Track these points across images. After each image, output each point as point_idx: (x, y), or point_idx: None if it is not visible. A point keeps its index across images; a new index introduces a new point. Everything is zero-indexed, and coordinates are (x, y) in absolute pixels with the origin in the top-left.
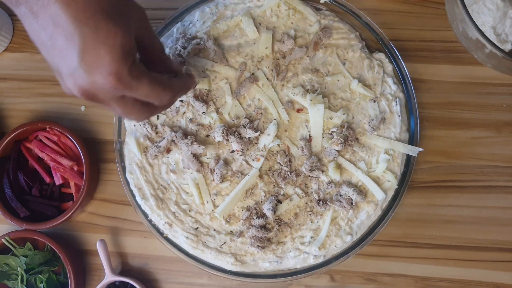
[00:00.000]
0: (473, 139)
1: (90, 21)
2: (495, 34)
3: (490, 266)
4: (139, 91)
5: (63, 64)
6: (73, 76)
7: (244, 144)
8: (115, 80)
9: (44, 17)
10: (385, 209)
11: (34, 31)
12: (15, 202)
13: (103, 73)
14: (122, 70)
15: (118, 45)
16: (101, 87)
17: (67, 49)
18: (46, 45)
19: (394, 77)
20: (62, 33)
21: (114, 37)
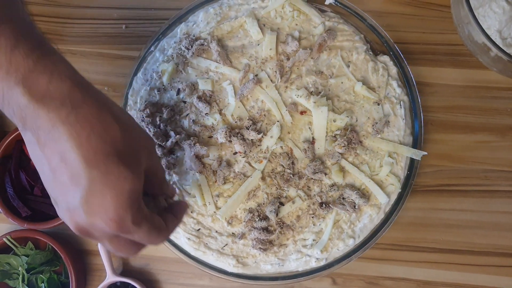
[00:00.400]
0: (477, 143)
1: (101, 164)
2: (501, 38)
3: (493, 271)
4: (135, 236)
5: (62, 198)
6: (71, 212)
7: (247, 146)
8: (115, 226)
9: (52, 150)
10: (388, 213)
11: (37, 158)
12: (16, 202)
13: (105, 218)
14: (125, 217)
15: (126, 191)
16: (99, 229)
17: (70, 187)
18: (47, 175)
19: (399, 80)
20: (68, 171)
21: (124, 182)
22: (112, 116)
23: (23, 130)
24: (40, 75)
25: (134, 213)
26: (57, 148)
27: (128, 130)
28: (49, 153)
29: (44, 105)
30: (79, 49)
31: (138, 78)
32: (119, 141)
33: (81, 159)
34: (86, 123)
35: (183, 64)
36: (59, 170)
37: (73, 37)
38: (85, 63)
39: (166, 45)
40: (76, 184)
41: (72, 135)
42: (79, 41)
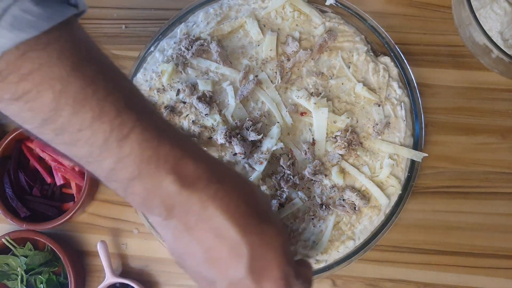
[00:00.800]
0: (478, 145)
1: (254, 227)
2: (502, 39)
3: (494, 273)
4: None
5: (223, 275)
6: (235, 286)
7: (247, 147)
8: (284, 284)
9: (204, 230)
10: (388, 215)
11: (183, 243)
12: (15, 202)
13: (272, 280)
14: (289, 271)
15: (281, 245)
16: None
17: (230, 261)
18: (200, 257)
19: (400, 81)
20: (226, 245)
21: (277, 238)
22: (246, 181)
23: (166, 219)
24: (186, 161)
25: (293, 266)
26: (210, 226)
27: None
28: (200, 234)
29: (194, 189)
30: None
31: (137, 79)
32: (257, 204)
33: (237, 228)
34: (233, 194)
35: (183, 65)
36: (215, 247)
37: None
38: None
39: (166, 45)
40: (237, 255)
41: (223, 209)
42: None
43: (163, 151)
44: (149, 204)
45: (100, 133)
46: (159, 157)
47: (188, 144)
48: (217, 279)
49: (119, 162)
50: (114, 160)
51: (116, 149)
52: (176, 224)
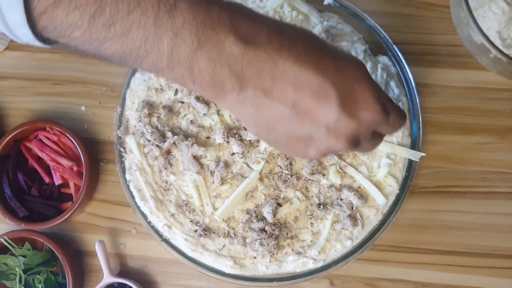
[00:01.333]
0: (476, 144)
1: (331, 65)
2: (501, 39)
3: (492, 272)
4: (390, 120)
5: (318, 124)
6: (335, 129)
7: (245, 147)
8: (382, 109)
9: (282, 88)
10: (386, 214)
11: (266, 109)
12: (14, 202)
13: (369, 108)
14: (382, 95)
15: (364, 74)
16: (368, 124)
17: (320, 105)
18: (288, 116)
19: (398, 81)
20: (308, 92)
21: (357, 68)
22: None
23: (240, 91)
24: (240, 17)
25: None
26: (287, 80)
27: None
28: (280, 92)
29: (258, 44)
30: None
31: (136, 78)
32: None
33: (315, 72)
34: (298, 41)
35: None
36: (299, 100)
37: None
38: (83, 63)
39: None
40: (324, 98)
41: (294, 57)
42: None
43: (215, 13)
44: (220, 78)
45: (149, 10)
46: (213, 19)
47: (237, 4)
48: (313, 131)
49: (176, 38)
50: (171, 36)
51: (169, 21)
52: (253, 92)
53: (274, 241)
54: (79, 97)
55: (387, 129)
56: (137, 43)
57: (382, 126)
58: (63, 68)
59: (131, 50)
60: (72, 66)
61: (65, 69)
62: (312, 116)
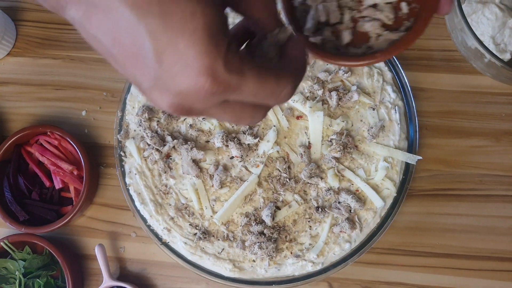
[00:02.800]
0: (472, 147)
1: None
2: (494, 44)
3: (489, 275)
4: (244, 91)
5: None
6: (156, 88)
7: (244, 150)
8: (209, 82)
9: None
10: (383, 217)
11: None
12: (14, 206)
13: (191, 75)
14: (215, 63)
15: (200, 28)
16: (194, 94)
17: (139, 53)
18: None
19: (394, 85)
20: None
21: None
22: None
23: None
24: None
25: (224, 55)
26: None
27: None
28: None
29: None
30: (77, 55)
31: None
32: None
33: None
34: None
35: None
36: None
37: (72, 43)
38: (84, 69)
39: None
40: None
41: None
42: (77, 47)
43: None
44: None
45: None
46: None
47: None
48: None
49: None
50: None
51: None
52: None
53: (273, 244)
54: (79, 102)
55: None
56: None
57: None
58: (64, 74)
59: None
60: (73, 72)
61: (66, 75)
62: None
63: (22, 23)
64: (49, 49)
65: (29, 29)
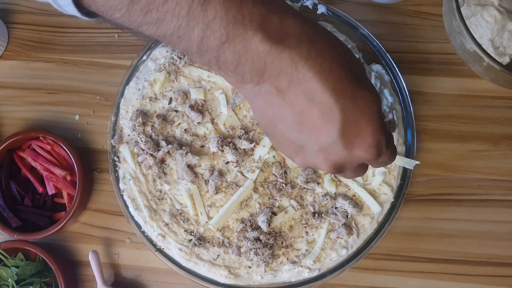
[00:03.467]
0: (470, 152)
1: (348, 92)
2: (493, 47)
3: (487, 280)
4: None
5: (314, 140)
6: (325, 151)
7: (239, 155)
8: (376, 152)
9: (296, 92)
10: (381, 222)
11: (275, 107)
12: (7, 212)
13: (364, 147)
14: (381, 139)
15: (375, 112)
16: (357, 159)
17: (322, 126)
18: (290, 121)
19: (391, 89)
20: (317, 109)
21: (372, 104)
22: (341, 43)
23: (257, 84)
24: (272, 16)
25: (386, 134)
26: (302, 88)
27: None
28: (292, 97)
29: (284, 46)
30: (71, 58)
31: (130, 87)
32: (354, 66)
33: (330, 92)
34: (327, 55)
35: (175, 73)
36: (306, 111)
37: (66, 46)
38: (77, 72)
39: (158, 54)
40: (329, 120)
41: (316, 70)
42: (71, 50)
43: (247, 9)
44: (242, 70)
45: (183, 0)
46: (244, 16)
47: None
48: (307, 144)
49: (207, 29)
50: (202, 28)
51: (201, 14)
52: (267, 88)
53: (269, 250)
54: (73, 106)
55: (373, 164)
56: (171, 30)
57: (370, 162)
58: (57, 77)
59: (165, 35)
60: (66, 75)
61: (59, 78)
62: (312, 131)
63: (14, 26)
64: (42, 52)
65: (21, 32)
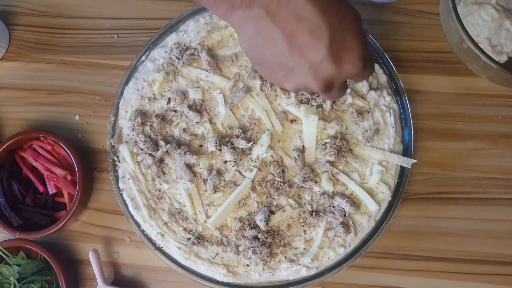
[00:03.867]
0: (468, 150)
1: (335, 9)
2: (490, 46)
3: (485, 279)
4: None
5: (304, 59)
6: (316, 69)
7: (237, 155)
8: (362, 65)
9: (284, 14)
10: (378, 221)
11: (265, 31)
12: (8, 211)
13: (352, 60)
14: (366, 53)
15: (359, 29)
16: (345, 74)
17: (311, 44)
18: (281, 44)
19: (388, 88)
20: (306, 27)
21: (356, 22)
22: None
23: (247, 8)
24: None
25: (367, 49)
26: (291, 8)
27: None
28: (282, 19)
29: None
30: (71, 59)
31: (129, 88)
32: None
33: (318, 10)
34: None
35: (173, 74)
36: (296, 31)
37: (65, 47)
38: (77, 73)
39: (157, 54)
40: (318, 38)
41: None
42: (71, 51)
43: None
44: None
45: None
46: None
47: None
48: (297, 64)
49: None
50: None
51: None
52: (257, 11)
53: (267, 249)
54: (73, 106)
55: (357, 79)
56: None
57: (354, 77)
58: (58, 78)
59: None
60: (66, 76)
61: (60, 79)
62: (302, 50)
63: (15, 28)
64: (43, 54)
65: (22, 34)
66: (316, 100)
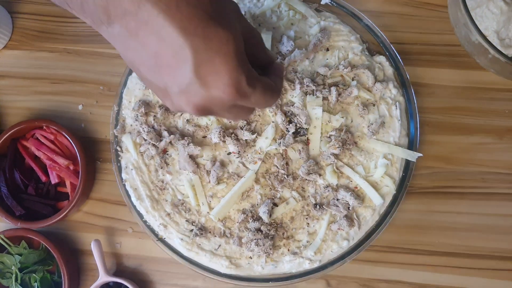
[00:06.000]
0: (474, 145)
1: (199, 30)
2: (499, 39)
3: (490, 274)
4: (251, 98)
5: (173, 81)
6: (186, 93)
7: (241, 146)
8: (234, 91)
9: (145, 34)
10: (382, 215)
11: (131, 50)
12: (10, 200)
13: (221, 86)
14: (240, 78)
15: (232, 51)
16: (219, 100)
17: (176, 66)
18: (148, 64)
19: (395, 81)
20: (169, 48)
21: (227, 44)
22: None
23: (108, 25)
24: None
25: (247, 73)
26: (151, 28)
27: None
28: (144, 37)
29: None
30: (74, 48)
31: (132, 77)
32: (207, 4)
33: (178, 30)
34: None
35: None
36: (160, 52)
37: (69, 36)
38: (81, 62)
39: None
40: (182, 60)
41: (162, 8)
42: (75, 40)
43: None
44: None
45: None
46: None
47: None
48: (169, 86)
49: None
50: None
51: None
52: (119, 30)
53: (270, 241)
54: (76, 96)
55: (247, 105)
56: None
57: (241, 103)
58: (61, 67)
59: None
60: (69, 65)
61: (63, 68)
62: (169, 72)
63: (18, 16)
64: (46, 42)
65: (25, 22)
66: (322, 92)
